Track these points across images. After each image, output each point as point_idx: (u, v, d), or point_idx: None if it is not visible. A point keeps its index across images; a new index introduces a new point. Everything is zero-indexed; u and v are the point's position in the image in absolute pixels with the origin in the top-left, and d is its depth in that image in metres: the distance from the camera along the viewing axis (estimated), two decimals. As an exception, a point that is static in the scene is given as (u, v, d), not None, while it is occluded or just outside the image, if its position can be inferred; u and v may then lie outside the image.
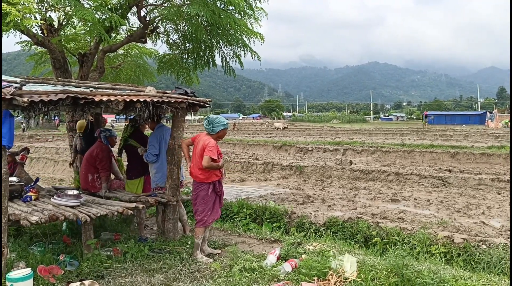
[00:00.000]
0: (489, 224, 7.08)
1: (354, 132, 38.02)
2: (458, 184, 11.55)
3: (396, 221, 7.20)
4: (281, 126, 49.05)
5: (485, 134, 31.25)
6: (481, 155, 16.61)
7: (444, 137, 29.64)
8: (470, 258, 5.28)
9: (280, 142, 24.34)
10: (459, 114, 77.95)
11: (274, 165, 15.11)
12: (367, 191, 10.96)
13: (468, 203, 9.16)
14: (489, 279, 4.09)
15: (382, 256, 5.34)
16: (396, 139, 27.66)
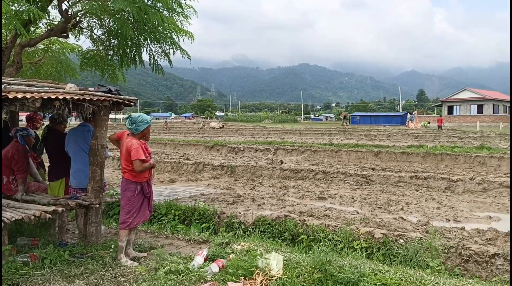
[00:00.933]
0: (407, 220, 7.49)
1: (285, 132, 38.75)
2: (380, 182, 12.11)
3: (322, 218, 7.42)
4: (217, 125, 49.12)
5: (405, 134, 33.09)
6: (402, 154, 17.56)
7: (369, 137, 31.00)
8: (389, 252, 5.55)
9: (212, 142, 24.26)
10: (383, 115, 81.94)
11: (205, 165, 15.02)
12: (296, 190, 11.20)
13: (389, 200, 9.64)
14: (405, 271, 4.31)
15: (308, 253, 5.47)
16: (324, 139, 28.54)
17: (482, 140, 25.41)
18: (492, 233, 6.37)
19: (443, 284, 3.98)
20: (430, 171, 14.12)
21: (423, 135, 31.70)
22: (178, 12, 9.17)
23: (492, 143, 23.39)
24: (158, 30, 8.79)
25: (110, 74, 10.04)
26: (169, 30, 8.92)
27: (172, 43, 9.09)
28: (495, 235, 6.26)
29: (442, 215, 8.20)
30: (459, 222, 7.60)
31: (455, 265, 5.20)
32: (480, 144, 21.85)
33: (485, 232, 6.45)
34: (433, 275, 4.34)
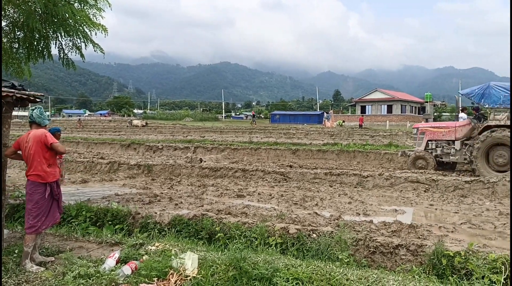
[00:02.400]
0: (321, 215, 7.77)
1: (206, 130, 38.59)
2: (297, 179, 12.45)
3: (239, 216, 7.46)
4: (140, 123, 47.75)
5: (322, 133, 34.37)
6: (318, 152, 18.22)
7: (288, 135, 31.78)
8: (302, 247, 5.71)
9: (128, 140, 23.53)
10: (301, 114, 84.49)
11: (120, 165, 14.52)
12: (215, 188, 11.18)
13: (305, 196, 9.95)
14: (316, 265, 4.46)
15: (224, 251, 5.47)
16: (245, 137, 28.82)
17: (391, 138, 27.05)
18: (397, 225, 6.80)
19: (350, 275, 4.17)
20: (344, 167, 14.79)
21: (338, 133, 33.13)
22: (91, 5, 8.76)
23: (399, 141, 24.99)
24: (69, 23, 8.33)
25: (15, 68, 9.34)
26: (80, 23, 8.48)
27: (84, 36, 8.66)
28: (400, 227, 6.69)
29: (353, 210, 8.61)
30: (368, 216, 8.02)
31: (363, 257, 5.47)
32: (389, 142, 23.25)
33: (390, 224, 6.87)
34: (342, 267, 4.53)
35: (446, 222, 7.71)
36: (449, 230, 6.98)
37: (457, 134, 13.74)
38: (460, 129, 13.78)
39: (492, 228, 7.22)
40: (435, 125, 14.97)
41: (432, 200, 9.85)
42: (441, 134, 14.07)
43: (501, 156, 12.35)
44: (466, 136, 13.63)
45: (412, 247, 5.38)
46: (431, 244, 5.33)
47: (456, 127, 13.88)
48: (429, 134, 14.32)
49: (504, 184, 10.41)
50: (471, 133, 13.54)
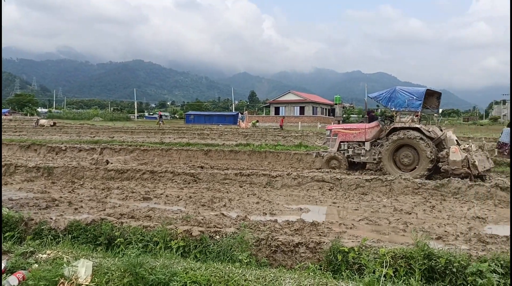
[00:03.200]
0: (228, 215, 7.77)
1: (116, 130, 37.18)
2: (207, 180, 12.37)
3: (142, 219, 7.23)
4: (48, 123, 44.69)
5: (236, 133, 34.64)
6: (230, 152, 18.29)
7: (201, 135, 31.61)
8: (205, 249, 5.64)
9: (29, 141, 21.95)
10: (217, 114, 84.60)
11: (17, 167, 13.46)
12: (120, 190, 10.75)
13: (213, 197, 9.90)
14: (215, 267, 4.42)
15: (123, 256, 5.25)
16: (157, 138, 28.19)
17: (302, 139, 27.95)
18: (299, 223, 6.98)
19: (249, 275, 4.19)
20: (255, 168, 14.98)
21: (252, 134, 33.58)
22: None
23: (309, 142, 25.90)
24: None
25: None
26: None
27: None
28: (302, 225, 6.87)
29: (260, 209, 8.72)
30: (274, 215, 8.16)
31: (264, 256, 5.53)
32: (300, 142, 23.99)
33: (294, 223, 7.03)
34: (242, 268, 4.54)
35: (346, 218, 8.08)
36: (348, 226, 7.31)
37: (367, 136, 14.32)
38: (370, 130, 14.36)
39: (387, 224, 7.68)
40: (346, 126, 15.47)
41: (335, 198, 10.28)
42: (352, 135, 14.60)
43: (407, 156, 13.11)
44: (375, 137, 14.25)
45: (311, 244, 5.54)
46: (329, 241, 5.52)
47: (366, 128, 14.45)
48: (341, 135, 14.80)
49: (400, 181, 11.13)
50: (379, 135, 14.17)
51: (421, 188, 10.84)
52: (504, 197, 9.95)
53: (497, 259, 4.62)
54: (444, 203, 9.76)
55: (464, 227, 7.36)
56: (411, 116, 13.47)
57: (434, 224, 7.64)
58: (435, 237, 6.60)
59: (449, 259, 4.64)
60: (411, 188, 10.91)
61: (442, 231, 7.00)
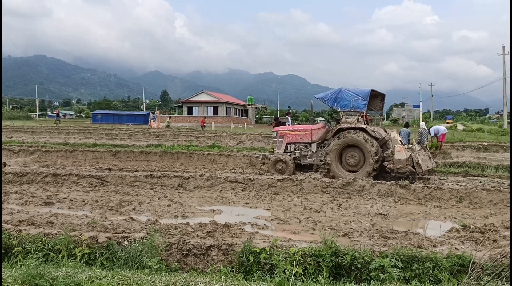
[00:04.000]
0: (137, 219, 7.49)
1: (15, 130, 34.40)
2: (115, 182, 11.87)
3: (44, 226, 6.73)
4: None
5: (147, 133, 33.69)
6: (140, 153, 17.73)
7: (110, 136, 30.34)
8: (113, 256, 5.38)
9: None
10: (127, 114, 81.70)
11: None
12: (19, 195, 9.94)
13: (122, 200, 9.51)
14: (123, 274, 4.23)
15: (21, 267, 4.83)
16: (60, 138, 26.56)
17: (215, 139, 27.89)
18: (212, 225, 6.91)
19: (159, 282, 4.05)
20: (166, 169, 14.67)
21: (164, 134, 32.88)
22: None
23: (222, 142, 25.94)
24: None
25: None
26: None
27: None
28: (215, 227, 6.82)
29: (172, 212, 8.53)
30: (186, 218, 8.03)
31: (175, 261, 5.40)
32: (213, 143, 23.92)
33: (206, 225, 6.96)
34: (151, 274, 4.38)
35: (259, 219, 8.17)
36: (260, 226, 7.40)
37: (313, 137, 14.20)
38: (316, 132, 14.26)
39: (298, 223, 7.89)
40: (293, 128, 15.34)
41: (248, 198, 10.37)
42: (299, 137, 14.45)
43: (353, 156, 13.19)
44: (321, 139, 14.19)
45: (223, 246, 5.51)
46: (241, 242, 5.53)
47: (312, 130, 14.33)
48: (288, 137, 14.63)
49: (310, 181, 11.52)
50: (326, 136, 14.17)
51: (329, 187, 11.29)
52: (403, 194, 10.69)
53: (397, 254, 4.92)
54: (350, 201, 10.26)
55: (368, 224, 7.78)
56: (357, 117, 13.53)
57: (341, 221, 7.99)
58: (342, 234, 6.89)
59: (354, 255, 4.86)
60: (320, 187, 11.33)
61: (348, 228, 7.33)
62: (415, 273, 4.73)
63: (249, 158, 16.82)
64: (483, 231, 7.19)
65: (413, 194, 10.69)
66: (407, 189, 10.84)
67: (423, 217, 8.80)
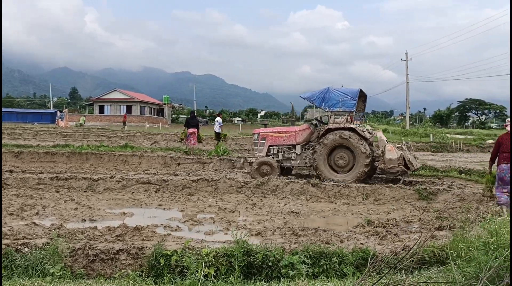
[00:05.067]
0: (40, 225, 7.02)
1: None
2: (17, 185, 11.06)
3: None
4: None
5: (54, 133, 31.81)
6: (45, 154, 16.68)
7: (12, 135, 28.32)
8: (11, 264, 4.97)
9: None
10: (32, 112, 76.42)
11: None
12: None
13: (24, 204, 8.87)
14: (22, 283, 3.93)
15: None
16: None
17: (128, 139, 27.00)
18: (122, 229, 6.66)
19: (60, 290, 3.81)
20: (74, 171, 13.92)
21: (72, 134, 31.26)
22: None
23: (136, 142, 25.20)
24: None
25: None
26: None
27: None
28: (125, 231, 6.57)
29: (79, 216, 8.10)
30: (94, 222, 7.66)
31: (81, 267, 5.11)
32: (126, 143, 23.11)
33: (115, 228, 6.68)
34: (53, 282, 4.11)
35: (172, 220, 8.02)
36: (173, 228, 7.26)
37: (298, 139, 13.64)
38: (300, 133, 13.72)
39: (212, 223, 7.86)
40: (276, 130, 14.75)
41: (161, 200, 10.15)
42: (282, 139, 13.83)
43: (342, 158, 12.74)
44: (306, 140, 13.71)
45: (133, 250, 5.33)
46: (152, 245, 5.37)
47: (296, 131, 13.77)
48: (270, 139, 13.94)
49: (225, 181, 11.54)
50: (310, 137, 13.74)
51: (244, 187, 11.40)
52: (314, 193, 11.07)
53: (307, 251, 5.07)
54: (264, 200, 10.44)
55: (281, 222, 7.95)
56: (346, 117, 13.15)
57: (255, 220, 8.09)
58: (255, 233, 6.97)
59: (265, 254, 4.93)
60: (235, 187, 11.40)
61: (262, 227, 7.44)
62: (323, 269, 4.90)
63: (163, 158, 16.49)
64: (385, 225, 7.65)
65: (323, 192, 11.11)
66: (318, 187, 11.25)
67: (332, 214, 9.17)
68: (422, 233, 6.62)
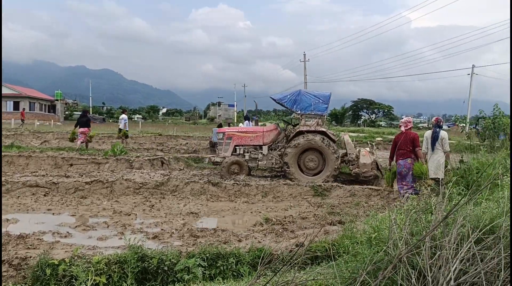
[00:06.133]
0: None
1: None
2: None
3: None
4: None
5: None
6: None
7: None
8: None
9: None
10: None
11: None
12: None
13: None
14: None
15: None
16: None
17: (15, 138, 24.85)
18: (4, 238, 6.09)
19: None
20: None
21: None
22: None
23: (24, 141, 23.30)
24: None
25: None
26: None
27: None
28: (7, 240, 6.02)
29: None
30: (-30, 231, 6.91)
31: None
32: (11, 142, 21.24)
33: (-5, 238, 6.09)
34: None
35: (62, 226, 7.50)
36: (63, 235, 6.79)
37: (265, 139, 13.55)
38: (268, 134, 13.64)
39: (106, 228, 7.49)
40: (242, 130, 14.48)
41: (51, 204, 9.47)
42: (249, 139, 13.61)
43: (312, 160, 12.89)
44: (272, 141, 13.63)
45: (15, 261, 4.90)
46: (38, 255, 4.98)
47: (264, 132, 13.66)
48: (236, 139, 13.68)
49: (122, 182, 11.09)
50: (277, 138, 13.67)
51: (142, 188, 11.05)
52: (215, 192, 11.07)
53: (204, 253, 5.03)
54: (163, 201, 10.20)
55: (179, 223, 7.82)
56: (317, 120, 13.21)
57: (152, 223, 7.86)
58: (152, 236, 6.77)
59: (161, 258, 4.80)
60: (133, 188, 11.01)
61: (159, 230, 7.25)
62: (220, 270, 4.90)
63: (54, 159, 15.39)
64: (282, 223, 7.88)
65: (224, 191, 11.15)
66: (218, 186, 11.26)
67: (232, 213, 9.23)
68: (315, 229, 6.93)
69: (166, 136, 30.70)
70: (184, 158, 16.67)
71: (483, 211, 4.10)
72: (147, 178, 11.89)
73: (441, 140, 9.51)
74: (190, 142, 25.87)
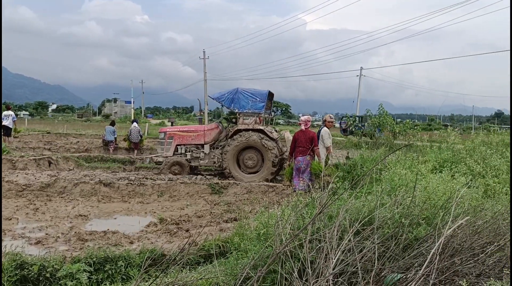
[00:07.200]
0: None
1: None
2: None
3: None
4: None
5: None
6: None
7: None
8: None
9: None
10: None
11: None
12: None
13: None
14: None
15: None
16: None
17: None
18: None
19: None
20: None
21: None
22: None
23: None
24: None
25: None
26: None
27: None
28: None
29: None
30: None
31: None
32: None
33: None
34: None
35: None
36: None
37: (206, 138, 13.44)
38: (209, 133, 13.54)
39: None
40: (184, 129, 14.10)
41: None
42: (190, 138, 13.55)
43: (251, 158, 13.02)
44: (214, 140, 13.54)
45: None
46: None
47: (205, 131, 13.49)
48: (178, 138, 13.57)
49: (3, 184, 10.19)
50: (219, 137, 13.59)
51: (26, 190, 10.27)
52: (107, 192, 10.62)
53: (90, 257, 4.79)
54: (49, 203, 9.55)
55: (66, 227, 7.38)
56: (255, 118, 13.21)
57: (36, 227, 7.33)
58: (35, 242, 6.32)
59: (43, 265, 4.49)
60: (15, 190, 10.18)
61: (43, 234, 6.79)
62: (108, 274, 4.70)
63: None
64: (178, 222, 7.80)
65: (117, 192, 10.75)
66: (111, 187, 10.83)
67: (125, 214, 8.93)
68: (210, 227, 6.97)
69: (55, 134, 28.83)
70: (74, 157, 15.73)
71: (363, 204, 4.42)
72: (32, 179, 11.02)
73: (321, 137, 10.49)
74: (82, 141, 24.49)
